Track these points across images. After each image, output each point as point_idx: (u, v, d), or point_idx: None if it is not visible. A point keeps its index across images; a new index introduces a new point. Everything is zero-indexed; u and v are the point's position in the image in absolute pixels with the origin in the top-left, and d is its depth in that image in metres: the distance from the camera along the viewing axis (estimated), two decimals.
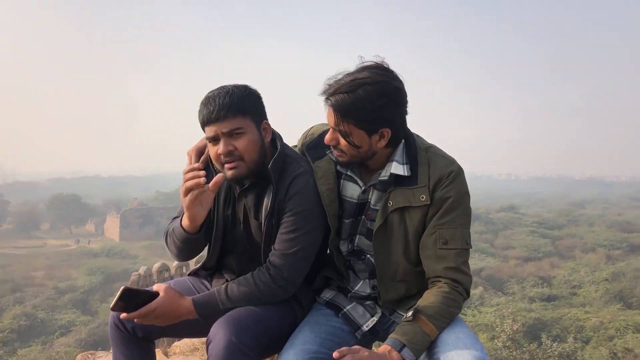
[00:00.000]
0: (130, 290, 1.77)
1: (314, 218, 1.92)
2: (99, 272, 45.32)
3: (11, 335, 31.49)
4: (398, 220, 1.91)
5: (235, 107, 1.83)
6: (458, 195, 1.88)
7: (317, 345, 1.82)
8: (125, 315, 1.79)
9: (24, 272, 49.63)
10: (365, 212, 1.98)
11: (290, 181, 1.91)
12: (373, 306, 2.04)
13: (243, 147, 1.85)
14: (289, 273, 1.89)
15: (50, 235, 77.30)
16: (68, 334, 32.41)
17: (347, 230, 2.02)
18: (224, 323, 1.74)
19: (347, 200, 1.99)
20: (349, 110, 1.78)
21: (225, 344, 1.68)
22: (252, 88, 1.91)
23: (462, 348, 1.65)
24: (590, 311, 33.04)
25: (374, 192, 1.96)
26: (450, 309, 1.80)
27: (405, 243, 1.92)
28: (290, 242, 1.89)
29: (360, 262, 2.03)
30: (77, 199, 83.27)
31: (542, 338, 25.61)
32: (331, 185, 1.96)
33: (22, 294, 41.31)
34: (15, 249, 64.08)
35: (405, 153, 1.93)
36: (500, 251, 53.97)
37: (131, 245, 62.40)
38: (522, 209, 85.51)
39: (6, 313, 36.55)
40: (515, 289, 41.02)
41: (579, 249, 54.13)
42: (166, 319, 1.84)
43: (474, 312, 33.09)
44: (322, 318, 1.99)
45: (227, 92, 1.84)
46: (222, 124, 1.82)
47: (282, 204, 1.91)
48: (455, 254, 1.86)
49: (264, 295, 1.89)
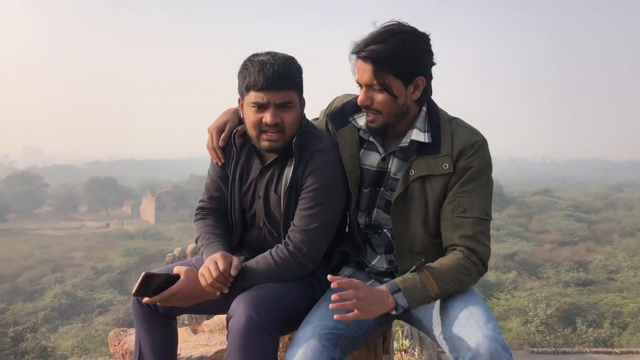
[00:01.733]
0: (151, 276, 1.83)
1: (333, 194, 1.91)
2: (135, 253, 46.32)
3: (52, 313, 32.57)
4: (419, 190, 1.89)
5: (291, 79, 1.84)
6: (481, 165, 1.87)
7: (334, 322, 1.81)
8: (147, 299, 1.84)
9: (64, 252, 51.19)
10: (384, 183, 1.98)
11: (309, 157, 1.91)
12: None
13: (289, 121, 1.86)
14: (308, 249, 1.89)
15: (88, 217, 79.34)
16: (106, 313, 33.40)
17: (365, 201, 2.02)
18: (244, 299, 1.76)
19: (366, 168, 2.00)
20: (387, 58, 1.78)
21: (245, 319, 1.70)
22: (296, 60, 1.91)
23: (474, 327, 1.62)
24: (628, 297, 32.39)
25: (394, 161, 1.96)
26: (460, 274, 1.78)
27: (424, 213, 1.90)
28: (309, 218, 1.89)
29: (377, 237, 2.03)
30: (113, 181, 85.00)
31: (577, 323, 25.26)
32: (354, 152, 1.97)
33: (62, 274, 42.63)
34: (55, 230, 66.11)
35: (427, 121, 1.92)
36: (535, 235, 53.17)
37: (166, 227, 63.53)
38: (557, 192, 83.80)
39: (48, 292, 37.89)
40: (549, 273, 40.44)
41: (616, 233, 52.93)
42: (188, 300, 1.88)
43: (507, 296, 32.81)
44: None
45: (284, 62, 1.82)
46: (277, 94, 1.81)
47: (301, 179, 1.92)
48: (473, 222, 1.84)
49: (283, 271, 1.90)
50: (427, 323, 1.88)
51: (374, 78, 1.82)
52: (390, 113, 1.87)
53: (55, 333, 28.85)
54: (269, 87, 1.80)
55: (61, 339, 27.51)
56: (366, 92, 1.86)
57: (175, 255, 28.95)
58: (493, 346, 1.56)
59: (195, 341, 3.32)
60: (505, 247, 46.97)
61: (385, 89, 1.83)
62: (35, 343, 20.39)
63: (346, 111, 2.04)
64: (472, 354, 1.57)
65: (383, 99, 1.85)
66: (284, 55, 1.88)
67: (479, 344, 1.56)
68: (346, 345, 1.82)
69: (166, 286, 1.85)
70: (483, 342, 1.56)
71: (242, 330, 1.70)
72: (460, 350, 1.61)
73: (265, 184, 2.02)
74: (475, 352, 1.56)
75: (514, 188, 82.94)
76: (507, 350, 1.58)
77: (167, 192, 76.31)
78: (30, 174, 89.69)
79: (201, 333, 3.68)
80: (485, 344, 1.56)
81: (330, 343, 1.75)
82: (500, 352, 1.55)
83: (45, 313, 28.21)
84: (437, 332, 1.78)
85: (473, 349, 1.57)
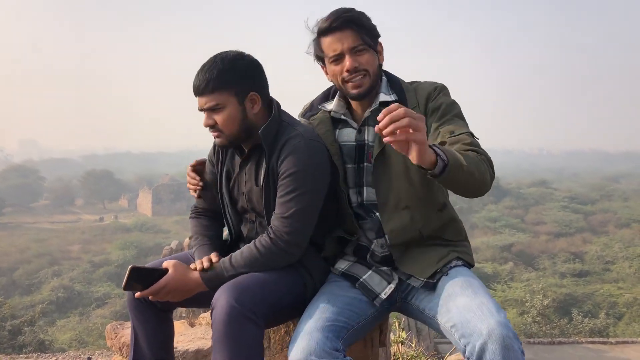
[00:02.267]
0: (139, 269, 1.84)
1: (310, 178, 1.91)
2: (132, 246, 46.35)
3: (50, 307, 32.64)
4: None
5: (214, 83, 1.89)
6: (448, 101, 1.98)
7: (335, 314, 1.82)
8: (138, 294, 1.86)
9: (61, 246, 51.17)
10: (366, 155, 2.04)
11: (282, 144, 1.93)
12: (389, 273, 2.02)
13: (221, 122, 1.94)
14: (289, 235, 1.89)
15: (85, 211, 79.20)
16: (104, 306, 33.45)
17: (352, 177, 2.06)
18: (226, 289, 1.76)
19: (345, 144, 2.08)
20: (361, 20, 1.96)
21: (227, 309, 1.69)
22: (242, 58, 1.94)
23: (487, 314, 1.61)
24: (623, 287, 32.59)
25: (369, 131, 2.05)
26: (478, 160, 1.73)
27: (405, 166, 1.94)
28: (288, 204, 1.90)
29: (369, 220, 2.04)
30: (109, 174, 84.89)
31: (572, 314, 25.42)
32: (329, 128, 2.08)
33: (59, 267, 42.67)
34: (51, 224, 66.01)
35: (389, 86, 2.07)
36: (531, 226, 53.36)
37: (163, 220, 63.54)
38: (553, 183, 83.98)
39: (45, 285, 37.91)
40: (546, 264, 40.65)
41: (612, 224, 53.15)
42: (178, 294, 1.89)
43: (503, 287, 32.97)
44: (337, 289, 1.97)
45: (211, 66, 1.89)
46: (203, 99, 1.92)
47: (276, 167, 1.94)
48: (467, 135, 1.85)
49: (266, 259, 1.89)
50: (430, 312, 1.87)
51: (359, 39, 1.95)
52: (374, 72, 2.00)
53: (53, 326, 28.88)
54: (197, 94, 1.94)
55: (59, 332, 27.56)
56: (351, 57, 1.96)
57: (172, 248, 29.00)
58: (506, 332, 1.55)
59: (192, 334, 3.33)
60: (501, 239, 47.16)
61: (370, 46, 1.98)
62: (33, 336, 20.41)
63: (314, 105, 2.19)
64: (484, 340, 1.56)
65: (369, 58, 1.98)
66: (222, 56, 1.92)
67: (492, 329, 1.55)
68: (348, 337, 1.82)
69: (155, 280, 1.86)
70: (496, 328, 1.55)
71: (224, 319, 1.69)
72: (471, 335, 1.60)
73: (246, 178, 2.06)
74: (487, 338, 1.55)
75: (510, 180, 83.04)
76: (517, 338, 1.58)
77: (163, 185, 76.21)
78: (26, 168, 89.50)
79: (198, 326, 3.68)
80: (498, 330, 1.55)
81: (333, 334, 1.74)
82: (512, 339, 1.55)
83: (42, 306, 28.30)
84: (444, 320, 1.76)
85: (485, 334, 1.56)
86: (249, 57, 1.96)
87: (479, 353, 1.57)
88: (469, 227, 49.30)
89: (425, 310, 1.91)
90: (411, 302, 1.99)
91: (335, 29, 1.95)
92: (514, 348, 1.55)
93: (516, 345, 1.56)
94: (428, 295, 1.91)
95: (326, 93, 2.20)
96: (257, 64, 1.98)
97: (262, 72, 2.00)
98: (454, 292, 1.79)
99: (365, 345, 2.24)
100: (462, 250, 2.04)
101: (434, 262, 1.95)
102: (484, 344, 1.56)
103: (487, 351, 1.55)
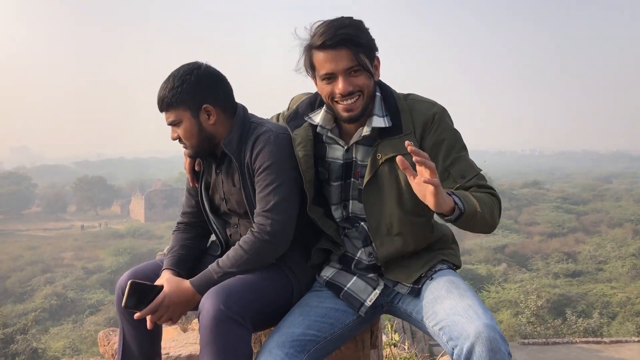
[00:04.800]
0: (138, 284, 1.85)
1: (285, 169, 1.94)
2: (125, 252, 46.14)
3: (43, 315, 32.39)
4: (388, 172, 1.90)
5: (167, 100, 1.98)
6: (450, 134, 1.90)
7: (303, 327, 1.82)
8: (137, 314, 1.87)
9: (54, 253, 50.82)
10: (354, 172, 1.99)
11: (253, 142, 1.97)
12: (375, 278, 2.01)
13: (182, 135, 2.02)
14: (272, 227, 1.90)
15: (77, 217, 78.74)
16: (97, 313, 33.24)
17: (337, 194, 2.02)
18: (213, 292, 1.76)
19: (332, 161, 2.01)
20: (358, 38, 1.81)
21: (213, 313, 1.70)
22: (192, 73, 1.98)
23: (474, 316, 1.62)
24: (616, 287, 32.74)
25: (358, 150, 1.97)
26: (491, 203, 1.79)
27: (398, 193, 1.90)
28: (267, 197, 1.92)
29: (354, 230, 2.02)
30: (102, 180, 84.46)
31: (566, 314, 25.48)
32: (309, 152, 1.97)
33: (52, 275, 42.38)
34: (44, 231, 65.59)
35: (383, 105, 1.94)
36: (524, 227, 53.53)
37: (156, 226, 63.25)
38: (546, 184, 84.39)
39: (38, 293, 37.64)
40: (539, 265, 40.79)
41: (605, 224, 53.43)
42: (177, 308, 1.90)
43: (497, 289, 33.03)
44: (314, 300, 1.97)
45: (166, 85, 1.98)
46: (165, 115, 2.03)
47: (251, 164, 1.97)
48: (477, 178, 1.87)
49: (251, 255, 1.90)
50: (417, 315, 1.87)
51: (355, 59, 1.81)
52: (369, 94, 1.88)
53: (46, 334, 28.67)
54: (161, 110, 2.03)
55: (52, 340, 27.36)
56: (345, 79, 1.83)
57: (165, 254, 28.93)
58: (493, 335, 1.55)
59: (185, 339, 3.32)
60: (495, 240, 47.25)
61: (365, 68, 1.84)
62: (26, 345, 20.25)
63: (300, 113, 2.06)
64: (471, 342, 1.56)
65: (364, 80, 1.85)
66: (174, 73, 2.00)
67: (480, 332, 1.56)
68: (317, 350, 1.82)
69: (154, 296, 1.87)
70: (484, 331, 1.56)
71: (211, 323, 1.70)
72: (459, 338, 1.60)
73: (223, 182, 2.10)
74: (475, 340, 1.55)
75: (503, 181, 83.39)
76: (505, 340, 1.58)
77: (156, 191, 75.93)
78: (18, 174, 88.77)
79: (190, 331, 3.68)
80: (485, 333, 1.55)
81: (295, 350, 1.74)
82: (499, 341, 1.55)
83: (35, 314, 28.00)
84: (431, 323, 1.76)
85: (473, 337, 1.56)
86: (203, 69, 1.99)
87: (467, 355, 1.57)
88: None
89: (412, 313, 1.91)
90: (398, 306, 1.99)
91: (329, 47, 1.80)
92: (500, 350, 1.55)
93: (503, 347, 1.56)
94: (414, 300, 1.92)
95: (312, 99, 2.09)
96: (210, 75, 2.01)
97: (217, 82, 2.02)
98: (440, 295, 1.79)
99: (357, 347, 2.25)
100: (447, 253, 2.04)
101: (419, 267, 1.95)
102: (472, 347, 1.56)
103: (475, 353, 1.56)
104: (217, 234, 2.20)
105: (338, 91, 1.84)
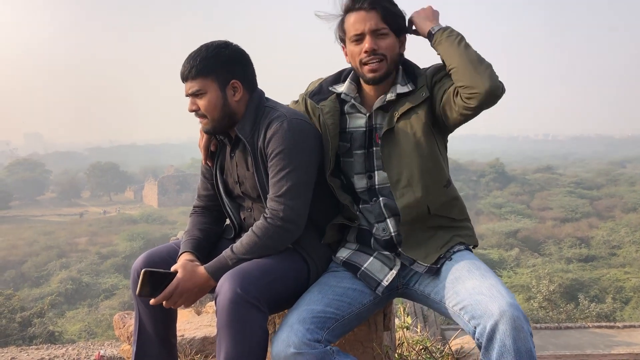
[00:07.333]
0: (152, 272, 1.87)
1: (297, 155, 1.94)
2: (139, 237, 46.47)
3: (59, 299, 32.84)
4: (404, 123, 1.97)
5: (196, 69, 1.96)
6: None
7: (323, 305, 1.83)
8: (153, 301, 1.88)
9: (68, 238, 51.41)
10: (374, 136, 2.03)
11: (267, 126, 1.97)
12: (392, 258, 2.02)
13: (203, 107, 2.00)
14: (285, 212, 1.91)
15: (91, 203, 79.50)
16: (112, 297, 33.63)
17: (360, 163, 2.06)
18: (230, 276, 1.78)
19: (355, 130, 2.07)
20: (391, 4, 1.99)
21: (230, 295, 1.72)
22: (227, 47, 2.00)
23: (497, 295, 1.63)
24: (630, 272, 32.53)
25: (378, 116, 2.04)
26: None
27: (415, 140, 1.95)
28: (280, 182, 1.93)
29: (370, 205, 2.04)
30: (115, 167, 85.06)
31: (579, 298, 25.40)
32: (336, 120, 2.05)
33: (67, 260, 42.87)
34: (58, 217, 66.36)
35: (405, 76, 2.06)
36: (537, 212, 53.20)
37: (169, 211, 63.69)
38: (559, 169, 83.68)
39: (53, 277, 38.15)
40: (552, 250, 40.56)
41: (618, 209, 52.92)
42: (191, 294, 1.91)
43: (509, 274, 32.98)
44: (332, 279, 1.98)
45: (196, 54, 1.97)
46: (188, 84, 2.00)
47: (265, 149, 1.97)
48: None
49: (265, 240, 1.91)
50: (436, 296, 1.88)
51: (383, 22, 1.95)
52: (393, 59, 1.99)
53: (62, 318, 29.11)
54: (183, 80, 2.01)
55: (68, 324, 27.78)
56: (372, 39, 1.95)
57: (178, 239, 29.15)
58: (517, 314, 1.57)
59: (199, 322, 3.36)
60: (507, 225, 47.07)
61: (394, 31, 1.98)
62: (43, 328, 20.58)
63: (324, 87, 2.15)
64: (495, 320, 1.57)
65: (390, 43, 1.97)
66: (207, 45, 2.00)
67: (504, 310, 1.57)
68: (336, 327, 1.83)
69: (167, 283, 1.88)
70: (508, 309, 1.57)
71: (228, 306, 1.72)
72: (482, 317, 1.61)
73: (237, 165, 2.10)
74: (499, 318, 1.57)
75: (516, 166, 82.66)
76: (527, 320, 1.60)
77: (169, 177, 76.33)
78: (32, 161, 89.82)
79: (205, 314, 3.72)
80: (509, 311, 1.57)
81: (315, 326, 1.76)
82: (522, 320, 1.57)
83: (51, 298, 28.47)
84: (451, 303, 1.77)
85: (497, 315, 1.57)
86: (234, 46, 2.01)
87: (490, 334, 1.58)
88: (474, 214, 49.21)
89: (430, 295, 1.92)
90: (414, 288, 2.00)
91: (360, 8, 1.95)
92: (523, 329, 1.57)
93: (526, 327, 1.57)
94: (433, 280, 1.92)
95: (337, 75, 2.18)
96: (241, 53, 2.02)
97: (246, 62, 2.04)
98: (461, 276, 1.80)
99: (370, 329, 2.27)
100: (464, 234, 2.05)
101: (438, 248, 1.96)
102: (495, 325, 1.57)
103: (498, 331, 1.57)
104: (231, 217, 2.21)
105: (364, 49, 1.95)
